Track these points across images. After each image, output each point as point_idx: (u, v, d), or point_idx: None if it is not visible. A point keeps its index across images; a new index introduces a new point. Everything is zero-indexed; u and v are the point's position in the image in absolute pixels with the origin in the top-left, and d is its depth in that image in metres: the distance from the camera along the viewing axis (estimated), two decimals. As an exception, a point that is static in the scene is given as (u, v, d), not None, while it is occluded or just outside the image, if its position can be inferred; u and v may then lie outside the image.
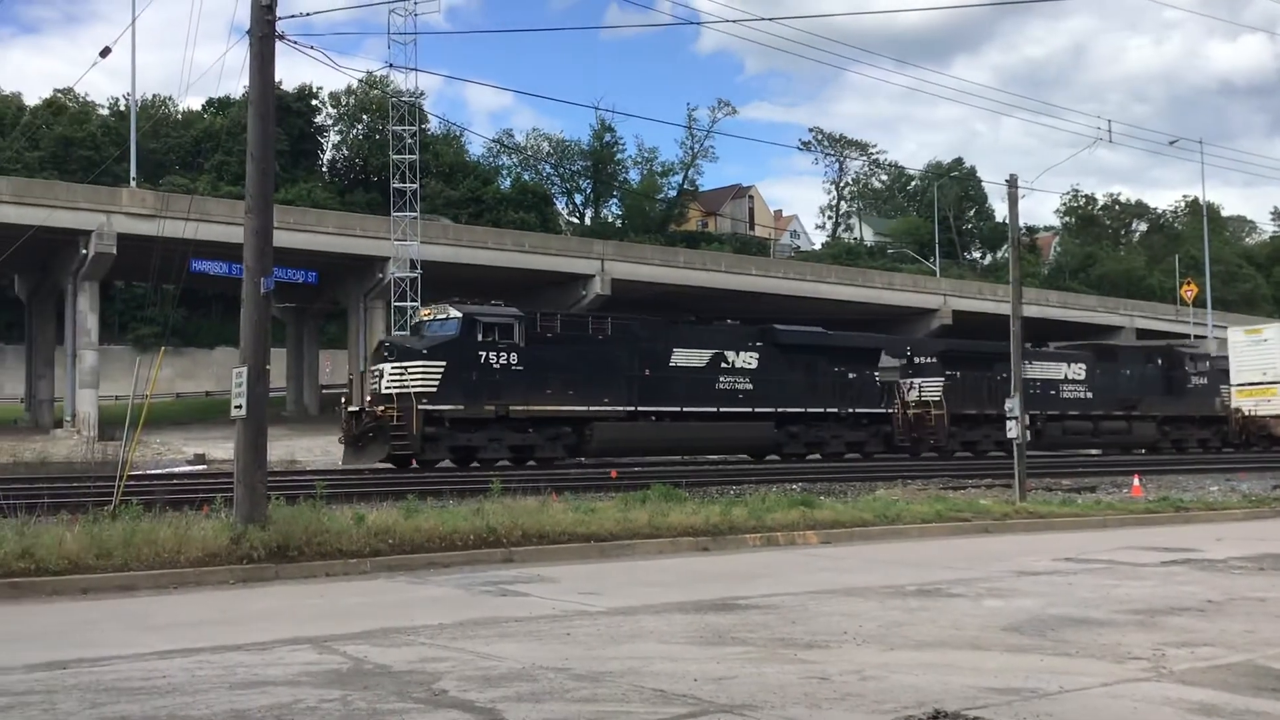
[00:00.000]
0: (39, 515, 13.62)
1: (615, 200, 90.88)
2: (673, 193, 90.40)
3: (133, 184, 47.39)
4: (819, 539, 16.35)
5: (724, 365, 35.22)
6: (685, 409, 33.79)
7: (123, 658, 8.02)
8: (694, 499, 19.50)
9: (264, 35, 13.75)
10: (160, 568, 12.07)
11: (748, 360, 35.78)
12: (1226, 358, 51.81)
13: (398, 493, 19.88)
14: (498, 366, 30.07)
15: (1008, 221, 25.91)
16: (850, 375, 38.30)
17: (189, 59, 51.79)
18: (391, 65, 45.32)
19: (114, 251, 43.74)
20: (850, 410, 37.93)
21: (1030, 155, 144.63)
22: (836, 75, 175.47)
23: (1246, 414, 47.96)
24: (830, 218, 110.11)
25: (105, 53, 22.30)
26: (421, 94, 73.73)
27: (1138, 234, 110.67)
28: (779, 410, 36.06)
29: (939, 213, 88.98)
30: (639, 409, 32.84)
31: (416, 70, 50.05)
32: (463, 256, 51.68)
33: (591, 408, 31.26)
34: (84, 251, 43.99)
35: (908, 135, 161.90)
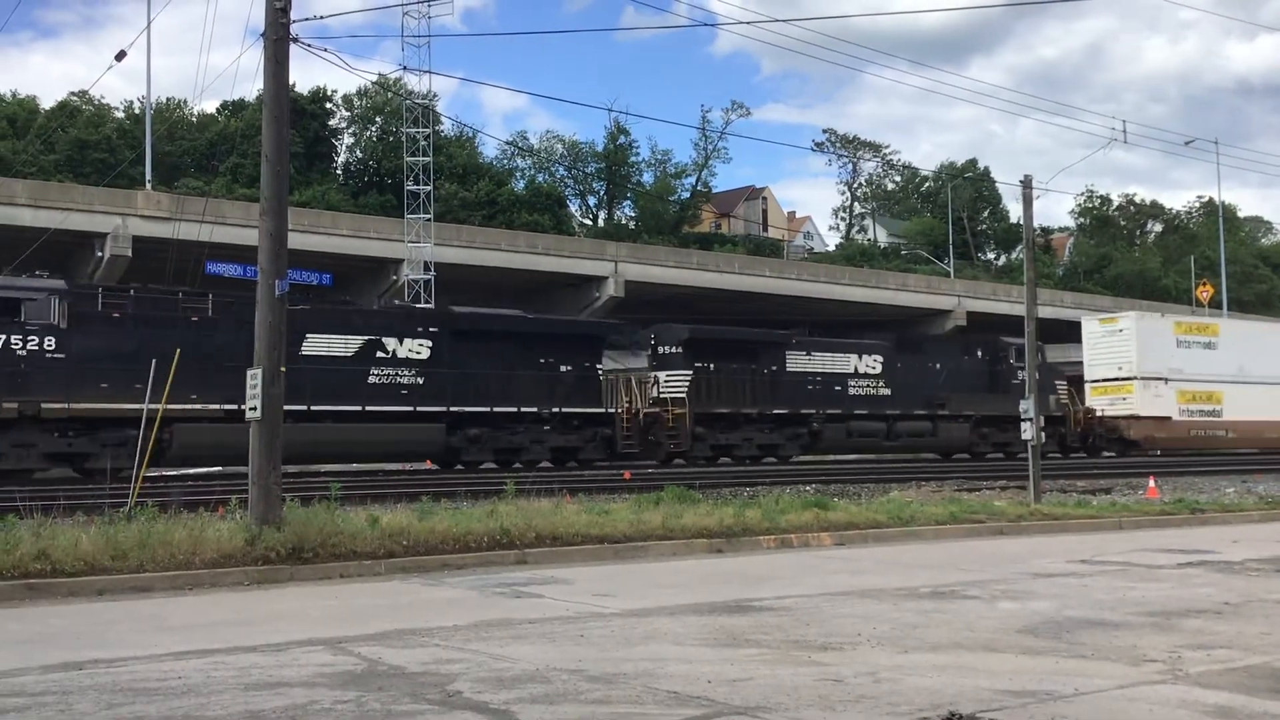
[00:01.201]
0: (55, 516, 13.68)
1: (629, 202, 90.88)
2: (686, 194, 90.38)
3: (148, 187, 47.58)
4: (833, 540, 16.33)
5: (381, 355, 29.59)
6: (316, 407, 27.47)
7: (138, 658, 8.05)
8: (708, 500, 19.50)
9: (278, 38, 13.80)
10: (175, 569, 12.12)
11: (416, 349, 30.17)
12: (1075, 347, 47.16)
13: (412, 494, 19.91)
14: (23, 354, 24.62)
15: (1022, 222, 25.84)
16: (562, 368, 32.20)
17: (204, 62, 52.13)
18: (405, 68, 45.50)
19: (129, 254, 43.89)
20: (556, 410, 31.72)
21: (1046, 156, 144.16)
22: (852, 77, 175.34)
23: (1098, 414, 43.38)
24: (844, 219, 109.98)
25: (121, 56, 22.39)
26: (435, 96, 73.96)
27: (1153, 234, 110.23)
28: (453, 410, 30.02)
29: (953, 214, 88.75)
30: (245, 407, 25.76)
31: (430, 73, 50.20)
32: (476, 259, 51.74)
33: (172, 406, 23.81)
34: (100, 254, 44.15)
35: (923, 136, 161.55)
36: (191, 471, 27.93)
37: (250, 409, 13.59)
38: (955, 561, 14.18)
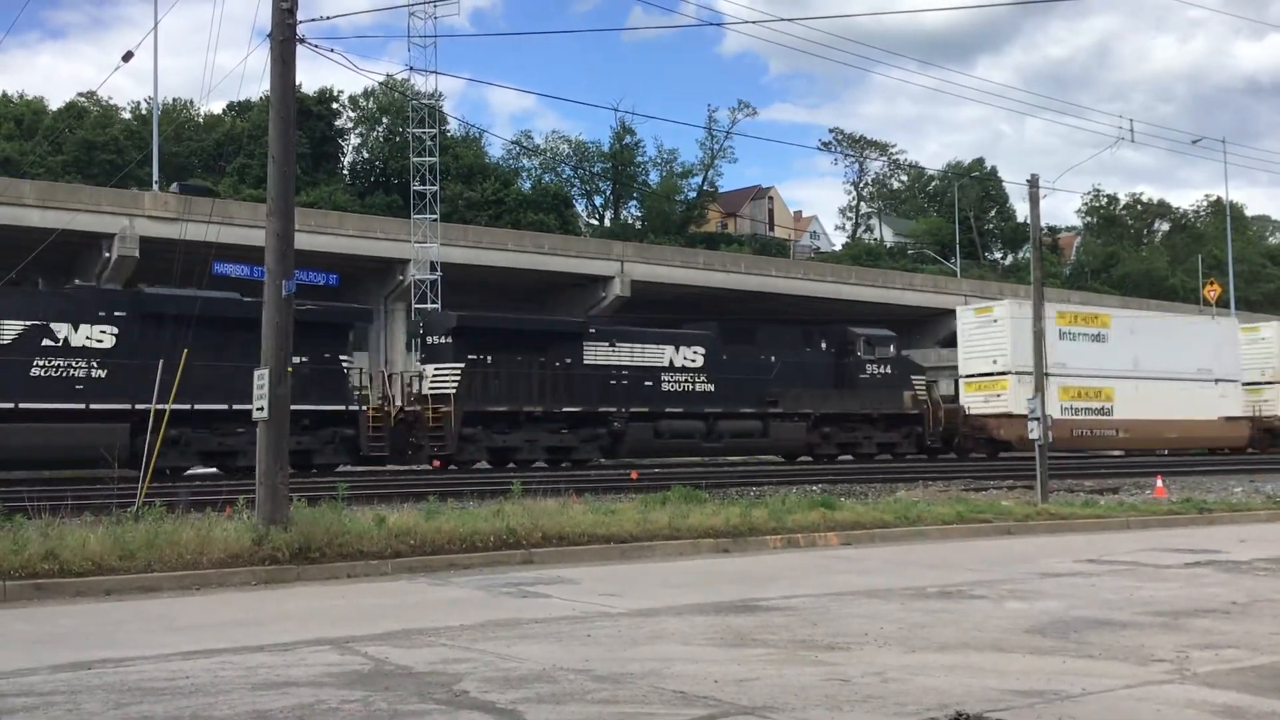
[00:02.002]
0: (63, 516, 13.71)
1: (635, 202, 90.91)
2: (692, 194, 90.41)
3: (155, 187, 47.67)
4: (839, 540, 16.31)
5: (49, 343, 26.08)
6: None
7: (146, 658, 8.06)
8: (714, 500, 19.51)
9: (285, 39, 13.81)
10: (183, 569, 12.14)
11: (96, 337, 26.43)
12: (951, 337, 45.20)
13: (419, 494, 19.94)
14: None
15: (1029, 222, 25.80)
16: (295, 360, 30.01)
17: (211, 63, 52.28)
18: (412, 68, 45.52)
19: (137, 254, 43.97)
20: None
21: (1054, 155, 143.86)
22: (860, 76, 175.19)
23: (967, 412, 40.71)
24: (850, 219, 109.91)
25: (128, 57, 22.33)
26: (441, 96, 74.00)
27: (1160, 234, 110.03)
28: (140, 407, 24.70)
29: (960, 213, 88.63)
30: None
31: (436, 73, 50.18)
32: (483, 259, 51.77)
33: None
34: (107, 255, 44.23)
35: (931, 136, 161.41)
36: (199, 472, 27.99)
37: (257, 409, 13.62)
38: (962, 561, 14.17)
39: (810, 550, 15.63)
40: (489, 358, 31.47)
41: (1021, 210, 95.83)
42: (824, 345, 38.34)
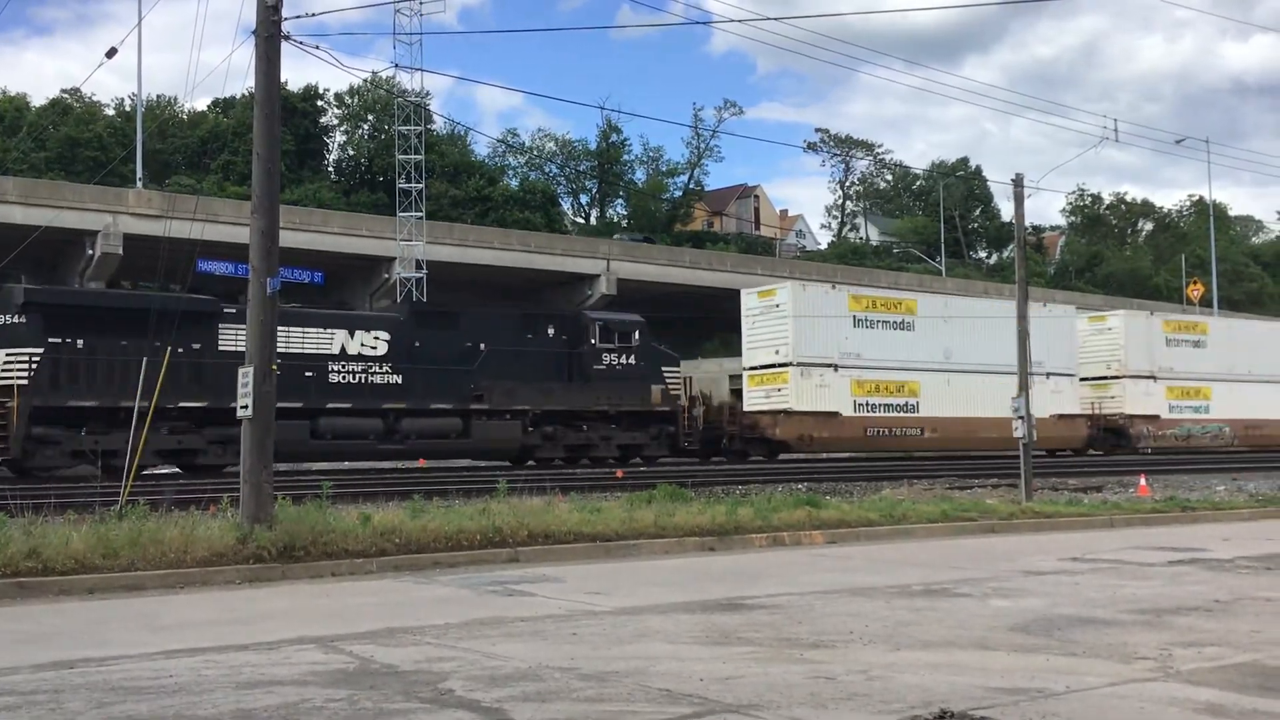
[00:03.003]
0: (46, 515, 13.65)
1: (621, 200, 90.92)
2: (678, 193, 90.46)
3: (139, 184, 47.48)
4: (825, 539, 16.35)
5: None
6: None
7: (129, 657, 8.03)
8: (700, 499, 19.52)
9: (269, 36, 13.77)
10: (167, 567, 12.10)
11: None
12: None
13: (404, 492, 19.90)
14: None
15: (1014, 221, 25.90)
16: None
17: (195, 59, 52.01)
18: (397, 65, 45.40)
19: (120, 252, 43.80)
20: None
21: (1040, 155, 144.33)
22: (847, 75, 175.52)
23: (744, 410, 36.72)
24: (836, 218, 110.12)
25: (111, 53, 22.30)
26: (427, 94, 73.88)
27: (1144, 233, 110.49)
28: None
29: (945, 212, 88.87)
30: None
31: (422, 70, 50.12)
32: (469, 257, 51.72)
33: None
34: (90, 252, 44.05)
35: (918, 135, 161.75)
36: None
37: (242, 407, 13.57)
38: (947, 559, 14.21)
39: (796, 549, 15.66)
40: (80, 341, 25.95)
41: (1006, 209, 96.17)
42: (552, 332, 32.77)
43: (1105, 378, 45.00)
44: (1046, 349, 39.98)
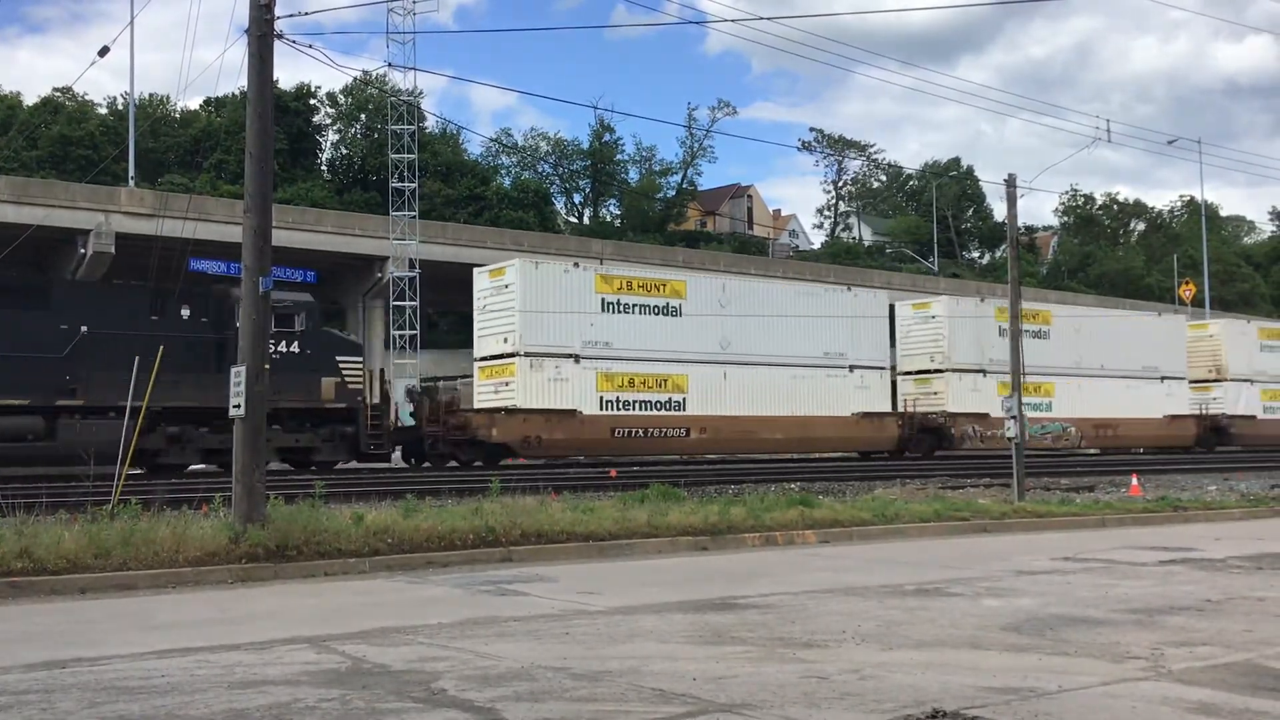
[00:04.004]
0: (38, 514, 13.61)
1: (614, 200, 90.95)
2: (672, 192, 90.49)
3: (131, 183, 47.39)
4: (817, 538, 16.36)
5: None
6: None
7: (121, 657, 8.01)
8: (692, 499, 19.52)
9: (262, 34, 13.75)
10: (159, 567, 12.08)
11: None
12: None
13: (397, 492, 19.88)
14: None
15: (1006, 221, 25.93)
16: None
17: (188, 58, 51.85)
18: (390, 64, 45.40)
19: (112, 251, 43.72)
20: None
21: (1034, 155, 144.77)
22: (841, 76, 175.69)
23: (456, 407, 31.79)
24: (828, 217, 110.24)
25: (103, 52, 22.22)
26: (420, 93, 73.81)
27: (1136, 234, 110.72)
28: None
29: (937, 212, 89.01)
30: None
31: (415, 70, 50.04)
32: (462, 256, 51.65)
33: None
34: (82, 251, 43.97)
35: (911, 135, 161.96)
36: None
37: (234, 406, 13.56)
38: (939, 559, 14.22)
39: (788, 548, 15.67)
40: None
41: (999, 209, 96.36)
42: (187, 312, 26.74)
43: (928, 371, 41.01)
44: (852, 339, 37.26)
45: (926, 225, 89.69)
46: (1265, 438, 49.03)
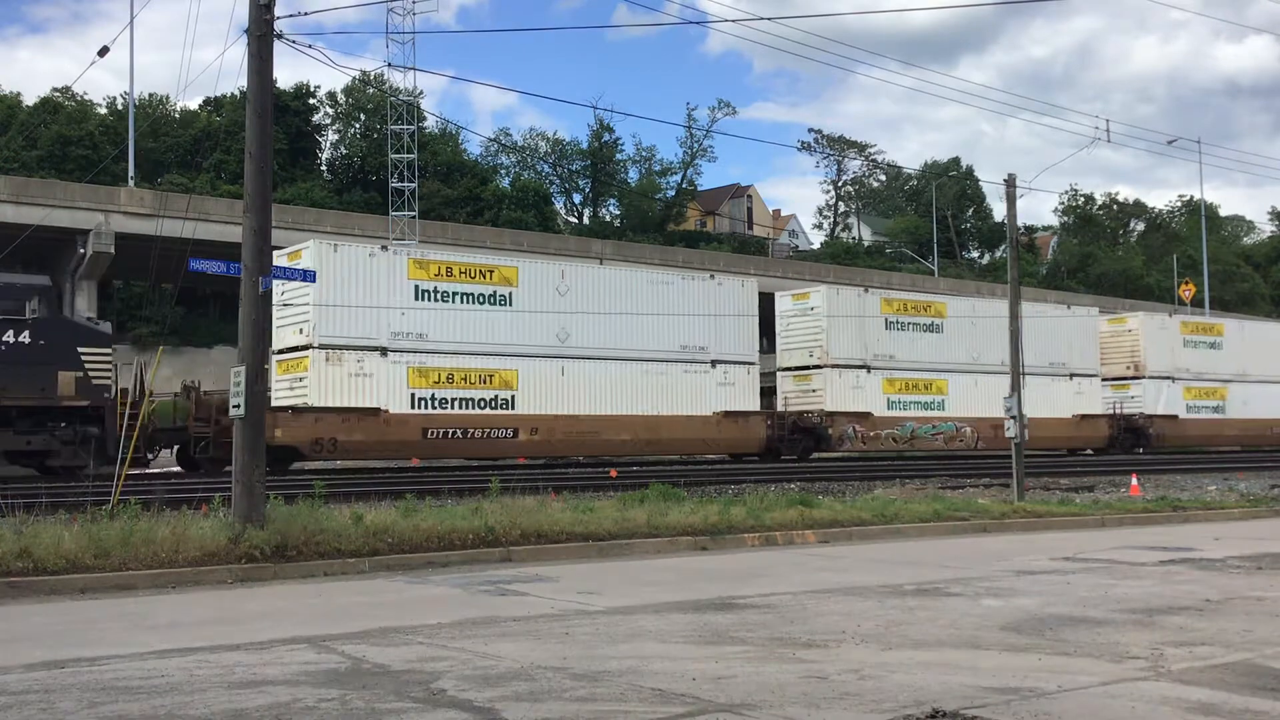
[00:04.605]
0: (37, 514, 13.62)
1: (614, 200, 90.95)
2: (671, 193, 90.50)
3: (131, 183, 47.40)
4: (817, 538, 16.36)
5: None
6: None
7: (121, 657, 8.01)
8: (692, 499, 19.52)
9: (262, 34, 13.75)
10: (158, 567, 12.07)
11: None
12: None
13: (396, 492, 19.88)
14: None
15: (1006, 221, 25.93)
16: None
17: (188, 58, 51.84)
18: (390, 64, 45.42)
19: (112, 250, 43.75)
20: None
21: (1034, 155, 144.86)
22: (842, 76, 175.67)
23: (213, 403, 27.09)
24: (828, 217, 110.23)
25: (103, 52, 22.20)
26: (420, 93, 73.81)
27: (1135, 234, 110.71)
28: None
29: (937, 212, 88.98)
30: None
31: (415, 70, 50.09)
32: (462, 256, 51.69)
33: None
34: (82, 251, 44.01)
35: (912, 135, 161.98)
36: (175, 469, 27.82)
37: (234, 406, 13.55)
38: (939, 559, 14.22)
39: (788, 548, 15.67)
40: None
41: (999, 210, 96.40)
42: None
43: (807, 368, 38.20)
44: (715, 332, 34.20)
45: (926, 225, 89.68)
46: (1189, 439, 46.74)
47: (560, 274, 32.41)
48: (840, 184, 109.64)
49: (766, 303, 39.06)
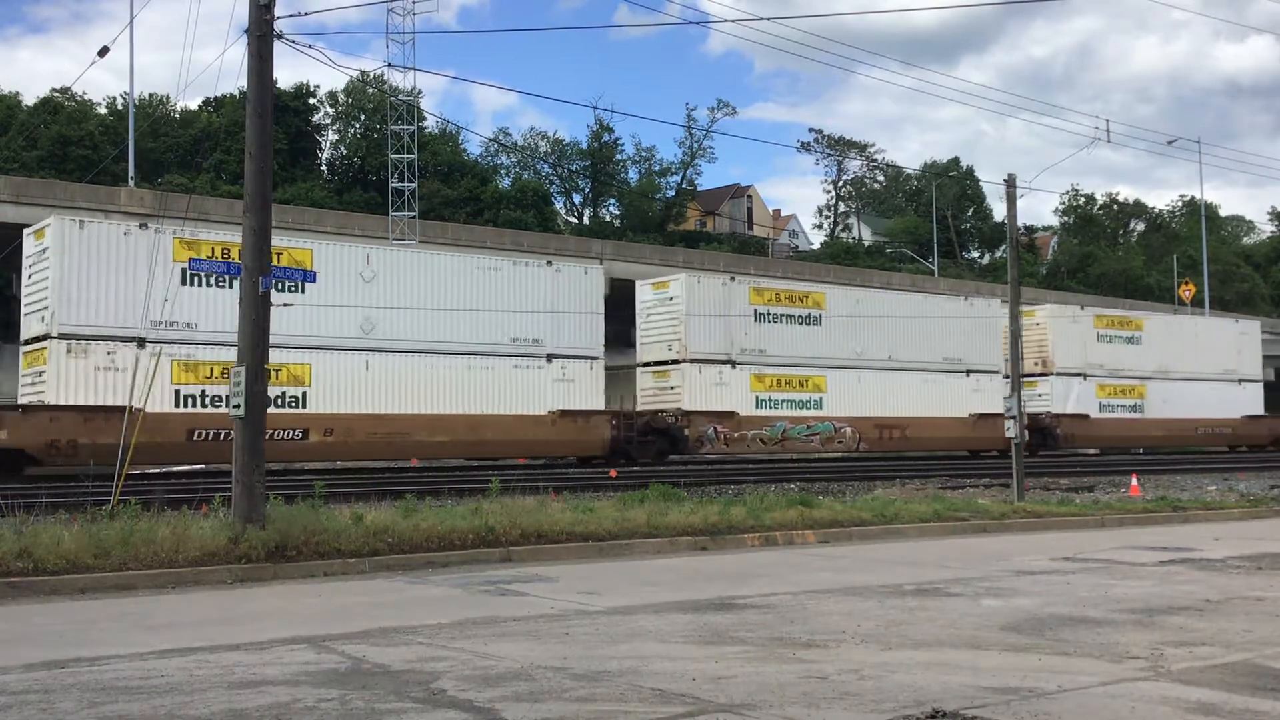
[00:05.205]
0: (37, 514, 13.62)
1: (614, 200, 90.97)
2: (671, 193, 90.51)
3: (131, 183, 47.39)
4: (817, 538, 16.36)
5: None
6: None
7: (121, 657, 8.01)
8: (692, 499, 19.53)
9: (262, 34, 13.75)
10: (158, 567, 12.07)
11: None
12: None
13: (396, 492, 19.88)
14: None
15: (1006, 221, 25.93)
16: None
17: (188, 58, 51.84)
18: (390, 64, 45.40)
19: (112, 251, 43.64)
20: None
21: (1034, 155, 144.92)
22: (842, 76, 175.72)
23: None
24: (828, 217, 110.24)
25: (103, 52, 22.27)
26: (419, 93, 73.82)
27: (1136, 233, 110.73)
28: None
29: (937, 212, 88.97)
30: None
31: (415, 70, 50.06)
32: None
33: None
34: (82, 251, 43.89)
35: (912, 135, 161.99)
36: (175, 469, 27.82)
37: (234, 406, 13.55)
38: (939, 559, 14.22)
39: (788, 548, 15.67)
40: None
41: (999, 210, 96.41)
42: None
43: (666, 363, 34.80)
44: (552, 323, 31.17)
45: (926, 225, 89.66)
46: (1102, 440, 44.06)
47: (366, 259, 29.17)
48: (840, 184, 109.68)
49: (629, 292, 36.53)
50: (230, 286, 26.20)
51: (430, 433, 29.05)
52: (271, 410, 24.33)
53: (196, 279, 26.56)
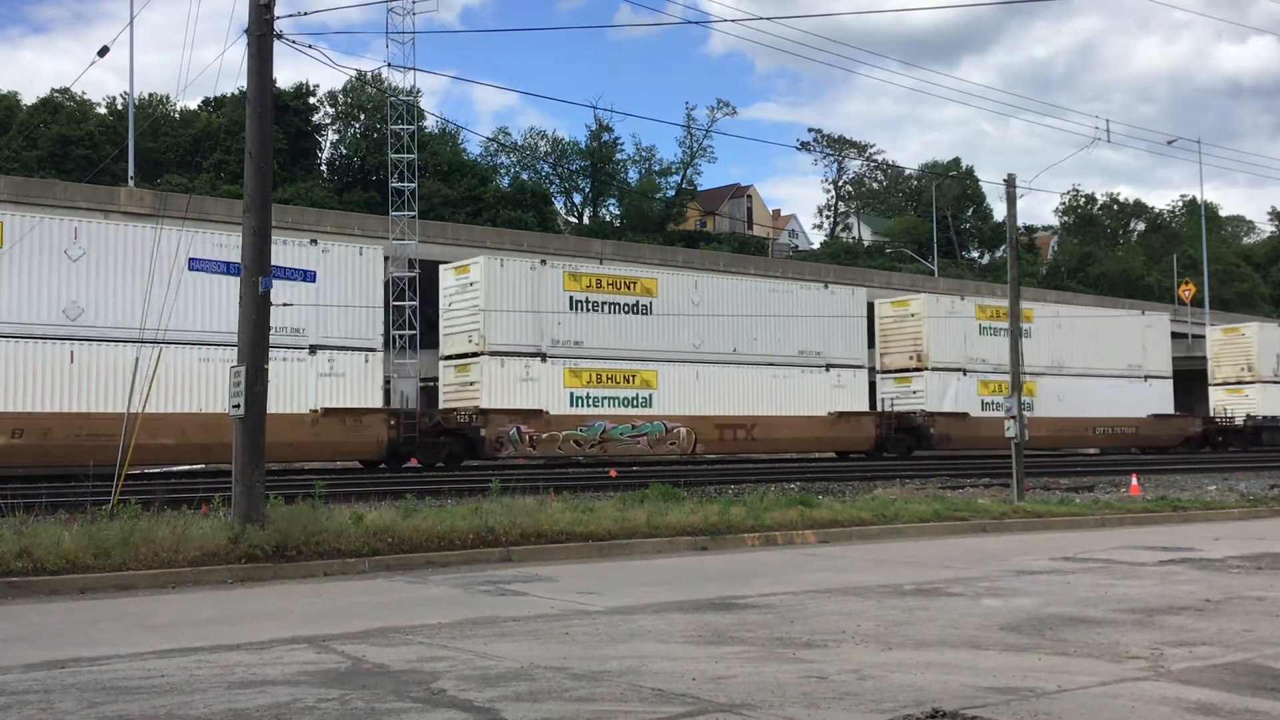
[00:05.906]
0: (37, 514, 13.62)
1: (614, 200, 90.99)
2: (671, 193, 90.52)
3: (131, 183, 47.40)
4: (817, 538, 16.36)
5: None
6: None
7: (121, 657, 8.01)
8: (692, 499, 19.51)
9: (262, 34, 13.74)
10: (158, 567, 12.07)
11: None
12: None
13: (396, 492, 19.87)
14: None
15: (1006, 221, 25.93)
16: None
17: (188, 58, 51.78)
18: (389, 64, 45.33)
19: (111, 251, 43.63)
20: None
21: (1036, 155, 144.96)
22: (843, 76, 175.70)
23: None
24: (828, 217, 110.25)
25: (103, 52, 22.17)
26: (419, 93, 73.80)
27: (1136, 234, 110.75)
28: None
29: (937, 212, 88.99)
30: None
31: (415, 69, 50.03)
32: (461, 256, 51.72)
33: None
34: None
35: (913, 135, 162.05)
36: (175, 469, 27.81)
37: (234, 406, 13.55)
38: (939, 559, 14.22)
39: (788, 548, 15.67)
40: None
41: (999, 210, 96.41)
42: None
43: (467, 355, 32.05)
44: (316, 312, 28.02)
45: (926, 225, 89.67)
46: (984, 440, 39.31)
47: (74, 232, 25.41)
48: (840, 184, 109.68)
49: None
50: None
51: (156, 434, 24.05)
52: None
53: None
